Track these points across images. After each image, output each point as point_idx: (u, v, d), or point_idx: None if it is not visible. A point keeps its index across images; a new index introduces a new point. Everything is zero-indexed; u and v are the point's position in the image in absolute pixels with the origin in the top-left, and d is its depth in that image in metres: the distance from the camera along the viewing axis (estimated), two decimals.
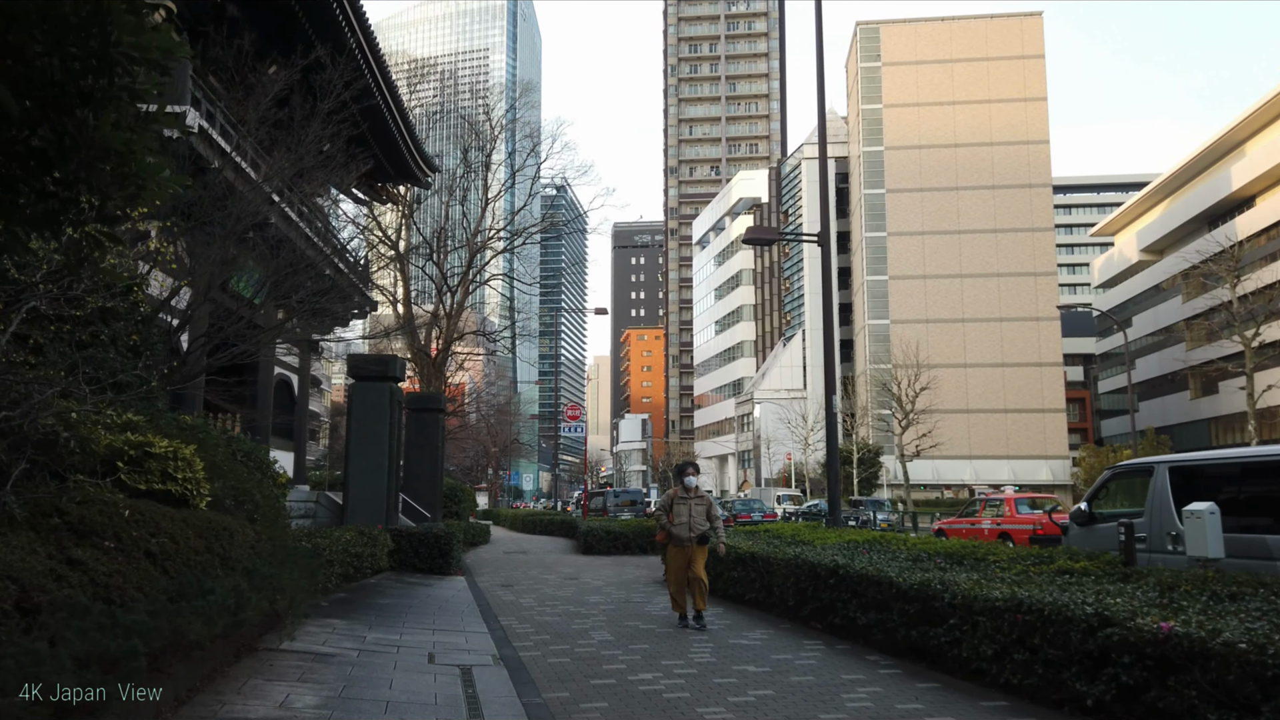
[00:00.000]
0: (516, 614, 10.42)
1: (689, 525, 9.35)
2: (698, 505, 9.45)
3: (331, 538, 10.81)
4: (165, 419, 7.26)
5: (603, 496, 38.98)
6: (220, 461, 7.44)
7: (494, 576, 15.49)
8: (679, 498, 9.53)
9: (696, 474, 9.89)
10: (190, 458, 6.22)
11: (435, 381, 29.39)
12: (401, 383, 17.40)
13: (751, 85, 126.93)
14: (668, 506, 9.55)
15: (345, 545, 11.26)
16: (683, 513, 9.38)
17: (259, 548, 6.87)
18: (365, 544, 12.74)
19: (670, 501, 9.57)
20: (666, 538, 9.51)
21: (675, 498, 9.55)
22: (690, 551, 9.34)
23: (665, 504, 9.61)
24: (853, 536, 10.84)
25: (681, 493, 9.60)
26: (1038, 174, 64.78)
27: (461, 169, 30.73)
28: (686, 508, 9.40)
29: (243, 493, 7.41)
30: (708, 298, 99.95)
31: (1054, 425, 63.53)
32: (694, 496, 9.54)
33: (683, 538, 9.34)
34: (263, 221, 11.01)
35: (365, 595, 10.99)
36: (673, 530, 9.37)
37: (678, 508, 9.44)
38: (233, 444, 9.66)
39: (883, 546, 9.87)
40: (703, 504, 9.52)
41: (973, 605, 6.53)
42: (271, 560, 6.95)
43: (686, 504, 9.43)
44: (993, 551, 8.52)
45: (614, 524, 22.93)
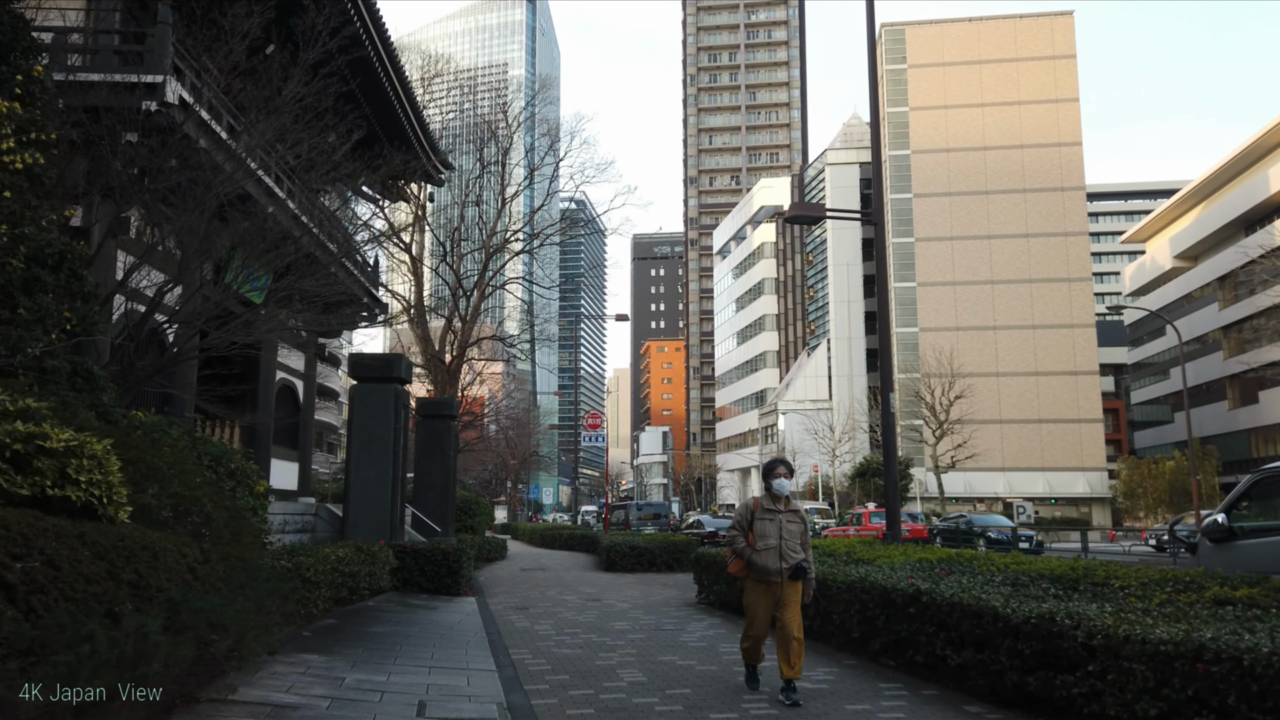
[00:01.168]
0: (531, 645, 8.94)
1: (779, 551, 6.45)
2: (791, 522, 6.59)
3: (318, 555, 9.40)
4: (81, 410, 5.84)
5: (624, 509, 37.45)
6: (163, 464, 6.04)
7: (508, 597, 14.03)
8: (763, 510, 6.60)
9: (790, 475, 6.76)
10: (102, 456, 4.80)
11: (449, 389, 28.06)
12: (408, 384, 16.03)
13: (772, 94, 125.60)
14: (746, 523, 6.66)
15: (335, 564, 9.83)
16: (769, 532, 6.50)
17: (202, 571, 5.43)
18: (362, 561, 11.32)
19: (750, 516, 6.65)
20: (744, 568, 6.64)
21: (757, 511, 6.62)
22: (780, 591, 6.45)
23: (743, 519, 6.70)
24: (922, 555, 9.29)
25: (767, 503, 6.63)
26: (1070, 177, 62.89)
27: (477, 169, 29.49)
28: (775, 525, 6.53)
29: (189, 502, 6.00)
30: (729, 308, 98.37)
31: (1090, 436, 61.39)
32: (786, 510, 6.62)
33: (769, 569, 6.43)
34: (243, 194, 9.67)
35: (358, 621, 9.55)
36: (755, 559, 6.50)
37: (762, 525, 6.55)
38: (199, 446, 8.28)
39: (964, 566, 8.33)
40: (797, 521, 6.65)
41: (1121, 648, 4.99)
42: (218, 587, 5.51)
43: (775, 520, 6.55)
44: (1114, 575, 6.96)
45: (638, 539, 21.43)
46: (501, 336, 33.21)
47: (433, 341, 29.02)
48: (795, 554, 6.50)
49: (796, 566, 6.47)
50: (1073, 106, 63.61)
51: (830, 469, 58.93)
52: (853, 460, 59.21)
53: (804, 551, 6.58)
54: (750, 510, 6.72)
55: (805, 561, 6.54)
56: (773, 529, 6.54)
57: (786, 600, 6.47)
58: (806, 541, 6.69)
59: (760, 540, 6.52)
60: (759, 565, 6.50)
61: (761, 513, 6.62)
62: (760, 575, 6.52)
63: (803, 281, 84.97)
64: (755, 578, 6.57)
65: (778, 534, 6.52)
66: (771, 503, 6.65)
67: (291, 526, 14.52)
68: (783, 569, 6.45)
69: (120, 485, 4.94)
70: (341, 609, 10.44)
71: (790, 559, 6.47)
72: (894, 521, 11.08)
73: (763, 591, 6.56)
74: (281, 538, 14.03)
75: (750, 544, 6.57)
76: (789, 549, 6.49)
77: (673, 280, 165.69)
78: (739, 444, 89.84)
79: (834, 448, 57.69)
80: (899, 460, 47.03)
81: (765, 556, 6.48)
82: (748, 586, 6.71)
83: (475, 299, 28.95)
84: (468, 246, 29.82)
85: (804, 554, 6.56)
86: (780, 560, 6.46)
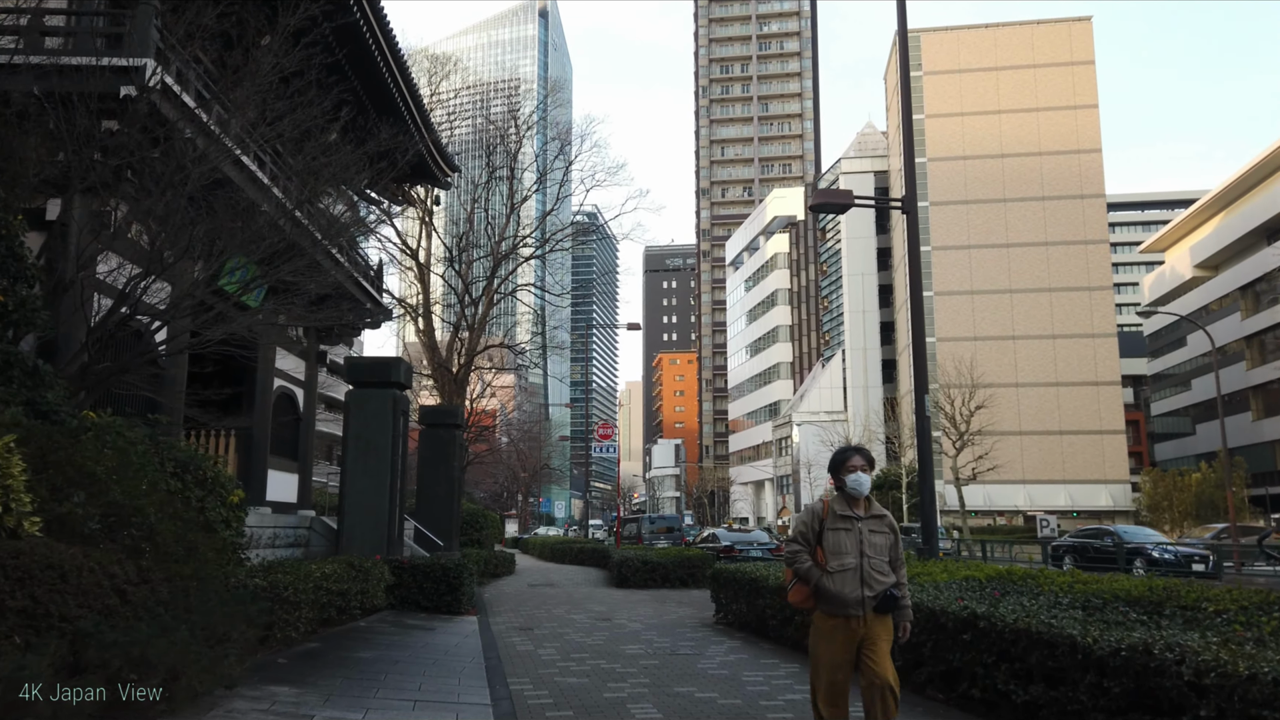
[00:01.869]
0: (533, 673, 8.05)
1: (861, 574, 4.70)
2: (876, 533, 4.83)
3: (300, 573, 8.55)
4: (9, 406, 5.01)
5: (636, 523, 36.48)
6: (99, 469, 5.21)
7: (513, 616, 13.14)
8: (835, 517, 4.84)
9: (870, 468, 4.99)
10: None
11: (457, 398, 27.26)
12: (407, 389, 15.20)
13: (784, 104, 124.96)
14: (813, 534, 4.88)
15: (320, 581, 8.98)
16: (846, 547, 4.75)
17: (137, 594, 4.59)
18: (353, 578, 10.47)
19: (818, 524, 4.89)
20: (810, 597, 4.83)
21: (828, 518, 4.86)
22: (862, 629, 4.65)
23: (808, 529, 4.91)
24: (968, 572, 8.35)
25: (841, 507, 4.88)
26: (1090, 184, 61.76)
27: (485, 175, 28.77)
28: (854, 537, 4.77)
29: (130, 512, 5.17)
30: (741, 319, 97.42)
31: (1113, 448, 60.01)
32: (866, 515, 4.87)
33: (847, 599, 4.65)
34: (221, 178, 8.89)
35: (343, 645, 8.69)
36: (827, 585, 4.70)
37: (834, 537, 4.79)
38: (165, 451, 7.45)
39: (1018, 585, 7.40)
40: (884, 531, 4.89)
41: (1245, 689, 4.08)
42: (156, 613, 4.66)
43: (852, 530, 4.79)
44: (1205, 597, 6.02)
45: (650, 553, 20.52)
46: (510, 345, 32.40)
47: (440, 349, 28.26)
48: (882, 577, 4.71)
49: (884, 595, 4.67)
50: (1092, 113, 62.54)
51: None
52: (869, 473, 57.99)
53: (895, 573, 4.81)
54: (818, 517, 4.89)
55: (897, 587, 4.77)
56: (850, 542, 4.73)
57: (872, 639, 4.65)
58: (899, 559, 4.89)
59: (833, 558, 4.71)
60: (832, 593, 4.66)
61: (833, 520, 4.80)
62: (834, 607, 4.66)
63: (817, 292, 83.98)
64: (827, 610, 4.70)
65: (857, 549, 4.72)
66: (846, 506, 4.84)
67: (283, 540, 13.69)
68: (865, 598, 4.63)
69: (22, 491, 4.10)
70: (329, 631, 9.59)
71: (875, 584, 4.67)
72: (931, 535, 10.16)
73: (838, 631, 4.65)
74: (273, 552, 13.21)
75: (819, 563, 4.76)
76: (874, 570, 4.69)
77: (685, 292, 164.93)
78: (752, 457, 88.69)
79: None
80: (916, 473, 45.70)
81: (841, 581, 4.66)
82: (816, 624, 4.79)
83: (483, 306, 28.18)
84: (476, 253, 29.09)
85: (894, 576, 4.80)
86: (862, 586, 4.65)
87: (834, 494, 5.00)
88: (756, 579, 10.60)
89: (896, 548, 4.94)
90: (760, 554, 22.58)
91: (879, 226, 73.16)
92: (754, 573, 10.98)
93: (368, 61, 10.61)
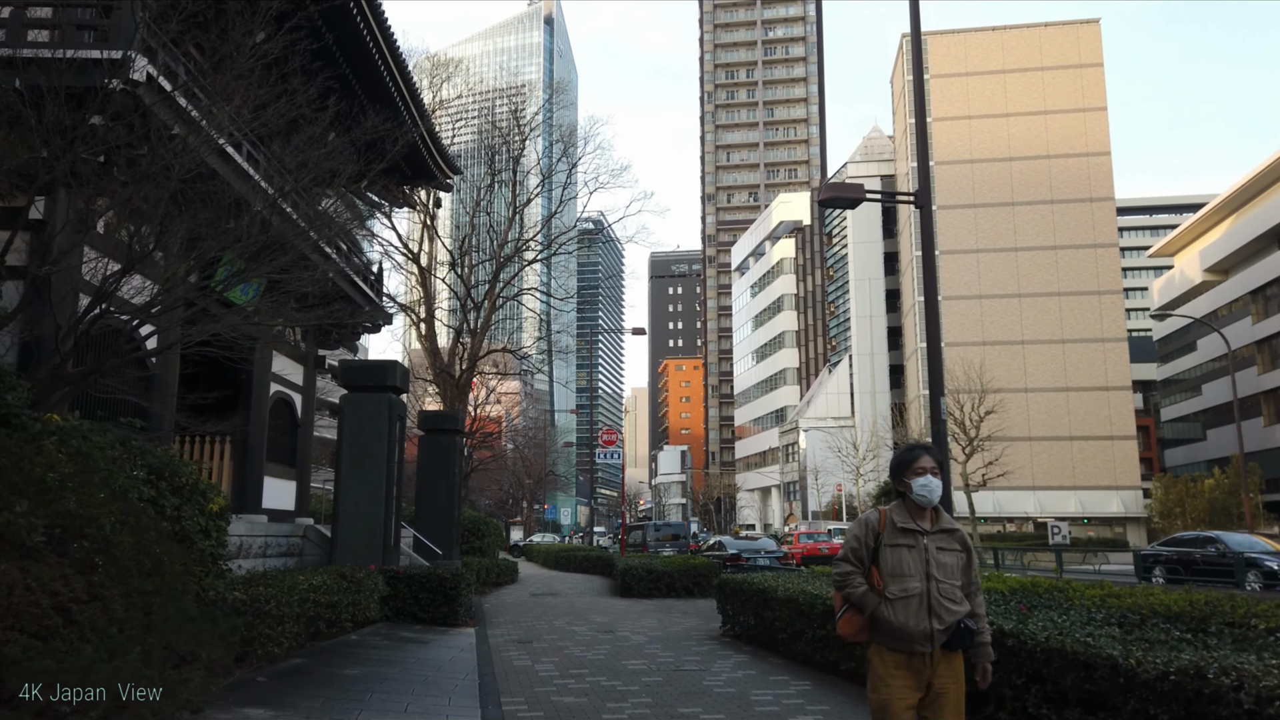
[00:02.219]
0: (528, 691, 7.61)
1: (927, 601, 3.79)
2: (946, 551, 3.91)
3: (284, 584, 8.13)
4: None
5: (642, 530, 35.99)
6: (50, 475, 4.80)
7: (512, 628, 12.70)
8: (895, 531, 3.92)
9: (939, 471, 4.02)
10: None
11: (459, 404, 26.86)
12: (404, 393, 14.80)
13: (790, 110, 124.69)
14: (868, 551, 3.96)
15: (306, 593, 8.55)
16: (909, 568, 3.84)
17: (83, 613, 4.17)
18: (344, 590, 10.05)
19: (873, 539, 3.96)
20: (864, 629, 3.92)
21: (885, 531, 3.94)
22: (927, 668, 3.78)
23: (861, 544, 3.98)
24: (988, 584, 7.89)
25: (902, 518, 3.95)
26: (1099, 187, 61.20)
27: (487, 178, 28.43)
28: (918, 556, 3.86)
29: (84, 523, 4.75)
30: (747, 325, 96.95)
31: (1124, 453, 59.34)
32: (934, 529, 3.94)
33: (911, 632, 3.76)
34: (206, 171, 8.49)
35: (330, 661, 8.26)
36: (886, 615, 3.81)
37: (895, 555, 3.87)
38: (137, 457, 7.04)
39: (1045, 599, 6.93)
40: (956, 548, 3.95)
41: None
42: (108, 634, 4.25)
43: (917, 547, 3.88)
44: (1254, 613, 5.56)
45: (655, 561, 20.05)
46: (513, 349, 32.01)
47: (442, 355, 27.88)
48: (953, 605, 3.76)
49: (956, 628, 3.73)
50: (1100, 116, 62.01)
51: (855, 488, 57.23)
52: (877, 479, 57.54)
53: (970, 600, 3.86)
54: (872, 530, 3.92)
55: (972, 618, 3.82)
56: (914, 562, 3.80)
57: (940, 694, 3.76)
58: (975, 583, 3.93)
59: (894, 581, 3.78)
60: (892, 625, 3.73)
61: (892, 534, 3.87)
62: (896, 641, 3.74)
63: (823, 297, 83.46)
64: (887, 644, 3.78)
65: (922, 570, 3.78)
66: (909, 518, 3.89)
67: (275, 550, 13.28)
68: (933, 632, 3.70)
69: None
70: (318, 645, 9.17)
71: (945, 614, 3.73)
72: None
73: (900, 670, 3.75)
74: (264, 562, 12.81)
75: (876, 588, 3.83)
76: (943, 597, 3.75)
77: (690, 299, 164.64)
78: (758, 463, 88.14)
79: (858, 466, 55.99)
80: None
81: (903, 610, 3.73)
82: (873, 662, 3.87)
83: (486, 310, 27.80)
84: (478, 257, 28.72)
85: (969, 604, 3.84)
86: (929, 617, 3.71)
87: (894, 504, 4.00)
88: (765, 590, 10.16)
89: (971, 569, 3.94)
90: (768, 563, 22.09)
91: (886, 231, 72.70)
92: (762, 583, 10.53)
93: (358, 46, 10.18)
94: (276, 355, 17.32)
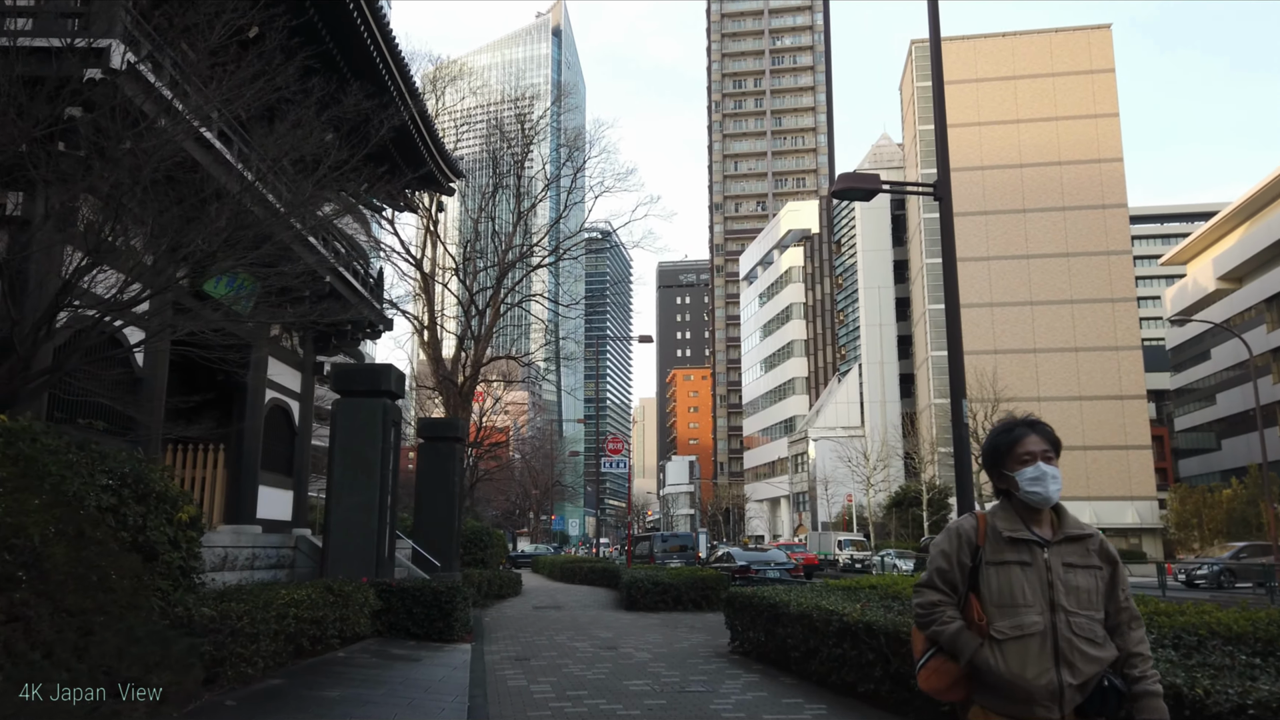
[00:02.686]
0: (521, 715, 7.04)
1: (1051, 642, 2.61)
2: (1077, 568, 2.72)
3: (259, 599, 7.58)
4: None
5: (649, 541, 35.35)
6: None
7: (510, 644, 12.13)
8: (1000, 541, 2.76)
9: (1054, 458, 2.83)
10: None
11: (463, 412, 26.35)
12: (399, 398, 14.27)
13: (797, 119, 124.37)
14: (960, 572, 2.80)
15: (285, 608, 8.00)
16: (1022, 593, 2.67)
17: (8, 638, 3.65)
18: (331, 604, 9.50)
19: (968, 556, 2.79)
20: (960, 683, 2.71)
21: (988, 542, 2.78)
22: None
23: (950, 561, 2.81)
24: None
25: (1009, 524, 2.78)
26: (1111, 194, 60.51)
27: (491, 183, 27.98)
28: (1035, 576, 2.70)
29: (10, 533, 4.22)
30: (755, 334, 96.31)
31: (1139, 463, 58.45)
32: (1060, 539, 2.75)
33: (1031, 689, 2.58)
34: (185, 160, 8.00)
35: (310, 682, 7.71)
36: (991, 665, 2.62)
37: (1003, 576, 2.71)
38: (98, 461, 6.51)
39: None
40: (1093, 563, 2.73)
41: None
42: (28, 659, 3.73)
43: (1034, 565, 2.71)
44: None
45: (662, 573, 19.45)
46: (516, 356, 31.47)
47: (445, 362, 27.39)
48: (1093, 648, 2.63)
49: (1100, 685, 2.62)
50: (1112, 121, 61.37)
51: (865, 498, 56.45)
52: (888, 489, 56.78)
53: (1121, 635, 2.69)
54: (968, 542, 2.81)
55: (1129, 667, 2.66)
56: (1031, 586, 2.69)
57: None
58: (1127, 609, 2.73)
59: (1002, 615, 2.67)
60: (1002, 677, 2.61)
61: (998, 547, 2.76)
62: (1007, 701, 2.63)
63: (832, 306, 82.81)
64: (994, 706, 2.65)
65: (1044, 598, 2.68)
66: (1019, 523, 2.79)
67: (264, 561, 12.75)
68: (1063, 687, 2.58)
69: None
70: (301, 663, 8.63)
71: (1081, 661, 2.61)
72: None
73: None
74: (251, 574, 12.28)
75: (976, 624, 2.70)
76: (1077, 635, 2.63)
77: (698, 308, 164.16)
78: (767, 473, 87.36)
79: (868, 476, 55.23)
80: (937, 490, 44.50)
81: (1018, 655, 2.62)
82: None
83: (489, 317, 27.31)
84: (482, 262, 28.26)
85: (1115, 645, 2.68)
86: (1056, 666, 2.59)
87: (996, 506, 2.89)
88: (776, 604, 9.58)
89: (1117, 591, 2.73)
90: (778, 574, 21.47)
91: (895, 239, 72.11)
92: (773, 597, 9.95)
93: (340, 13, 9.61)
94: (273, 361, 16.81)
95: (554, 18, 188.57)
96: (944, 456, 53.86)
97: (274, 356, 16.78)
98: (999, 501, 2.89)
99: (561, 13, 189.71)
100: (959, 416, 9.00)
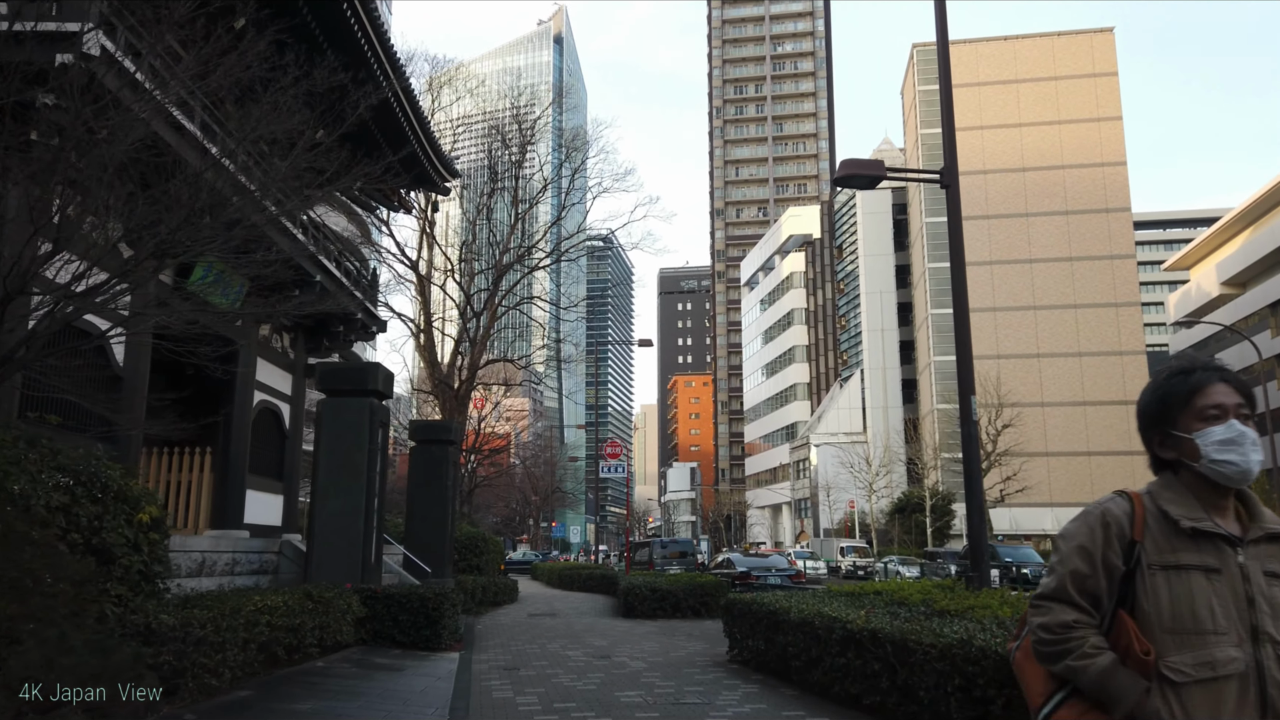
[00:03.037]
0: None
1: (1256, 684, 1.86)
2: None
3: (225, 606, 7.14)
4: None
5: (648, 547, 34.83)
6: None
7: (501, 652, 11.68)
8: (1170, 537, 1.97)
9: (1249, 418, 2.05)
10: None
11: (459, 416, 25.93)
12: (387, 398, 13.85)
13: (799, 124, 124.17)
14: (1104, 580, 1.98)
15: (255, 615, 7.57)
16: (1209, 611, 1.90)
17: None
18: (309, 611, 9.07)
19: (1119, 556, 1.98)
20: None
21: (1151, 540, 1.97)
22: None
23: (1091, 564, 1.99)
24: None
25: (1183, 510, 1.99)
26: (1115, 197, 60.13)
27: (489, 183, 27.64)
28: (1225, 586, 1.92)
29: None
30: (757, 340, 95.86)
31: (1143, 469, 56.06)
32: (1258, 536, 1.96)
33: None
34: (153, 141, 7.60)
35: (281, 694, 7.27)
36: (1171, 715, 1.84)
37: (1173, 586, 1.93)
38: (49, 458, 6.09)
39: None
40: None
41: None
42: None
43: (1222, 569, 1.93)
44: None
45: (660, 580, 19.00)
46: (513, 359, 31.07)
47: (441, 366, 26.99)
48: None
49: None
50: (1115, 125, 61.04)
51: (868, 504, 55.92)
52: (890, 496, 56.25)
53: None
54: (1120, 535, 2.00)
55: None
56: (1222, 602, 1.91)
57: None
58: None
59: (1180, 646, 1.90)
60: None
61: (1168, 542, 1.97)
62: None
63: (834, 311, 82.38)
64: None
65: (1241, 621, 1.90)
66: (1198, 508, 1.99)
67: (245, 567, 12.32)
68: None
69: None
70: (276, 673, 8.19)
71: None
72: (981, 558, 8.65)
73: None
74: (232, 580, 11.85)
75: (1137, 655, 1.89)
76: None
77: (700, 315, 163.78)
78: (769, 480, 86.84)
79: (870, 481, 54.70)
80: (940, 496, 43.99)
81: (1206, 707, 1.85)
82: None
83: (486, 319, 26.92)
84: (479, 265, 27.88)
85: None
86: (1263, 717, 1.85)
87: (1155, 483, 2.12)
88: (776, 611, 9.13)
89: None
90: (779, 581, 21.00)
91: (897, 244, 71.74)
92: (773, 604, 9.50)
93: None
94: (262, 362, 16.38)
95: (555, 25, 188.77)
96: (947, 462, 53.33)
97: (263, 358, 16.35)
98: (1159, 478, 2.07)
99: (563, 21, 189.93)
100: (968, 414, 8.57)
